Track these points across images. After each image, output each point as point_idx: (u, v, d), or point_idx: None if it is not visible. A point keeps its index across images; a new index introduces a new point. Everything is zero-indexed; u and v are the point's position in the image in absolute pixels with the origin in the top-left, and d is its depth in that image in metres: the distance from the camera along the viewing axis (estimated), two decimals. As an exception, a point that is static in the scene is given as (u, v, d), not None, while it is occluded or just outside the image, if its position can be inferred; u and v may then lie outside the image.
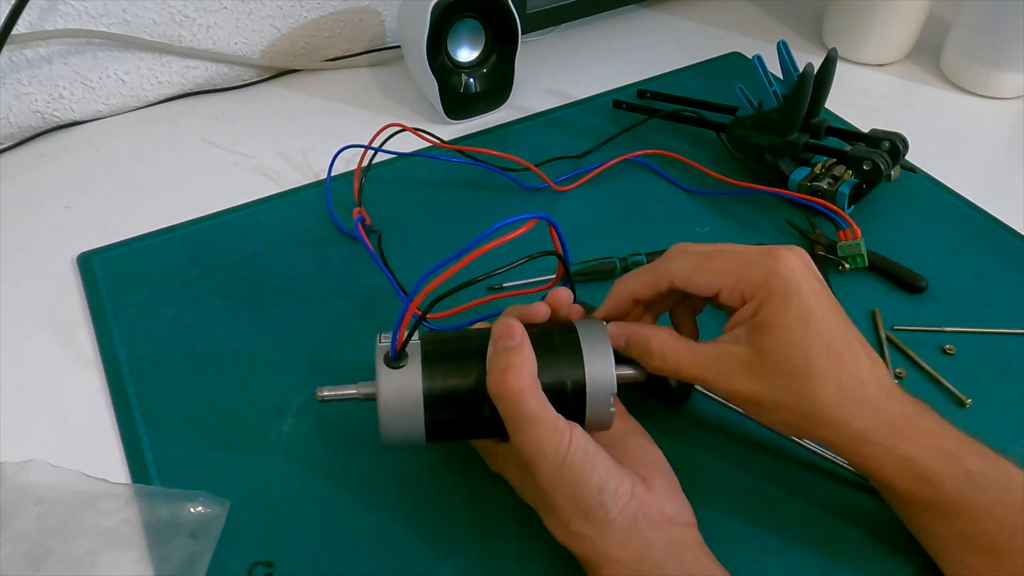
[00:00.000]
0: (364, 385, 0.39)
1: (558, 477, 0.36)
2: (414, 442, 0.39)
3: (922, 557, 0.42)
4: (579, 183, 0.64)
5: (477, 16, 0.67)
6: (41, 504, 0.41)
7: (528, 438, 0.36)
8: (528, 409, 0.36)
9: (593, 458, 0.37)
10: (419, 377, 0.38)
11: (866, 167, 0.59)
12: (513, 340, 0.38)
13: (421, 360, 0.38)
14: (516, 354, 0.37)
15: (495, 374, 0.37)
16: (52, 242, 0.59)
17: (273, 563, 0.41)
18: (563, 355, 0.39)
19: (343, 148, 0.62)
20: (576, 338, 0.40)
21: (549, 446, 0.36)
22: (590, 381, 0.39)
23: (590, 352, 0.39)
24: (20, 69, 0.66)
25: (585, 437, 0.37)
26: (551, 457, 0.36)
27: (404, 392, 0.38)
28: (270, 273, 0.56)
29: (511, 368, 0.37)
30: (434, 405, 0.38)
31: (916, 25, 0.78)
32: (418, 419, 0.38)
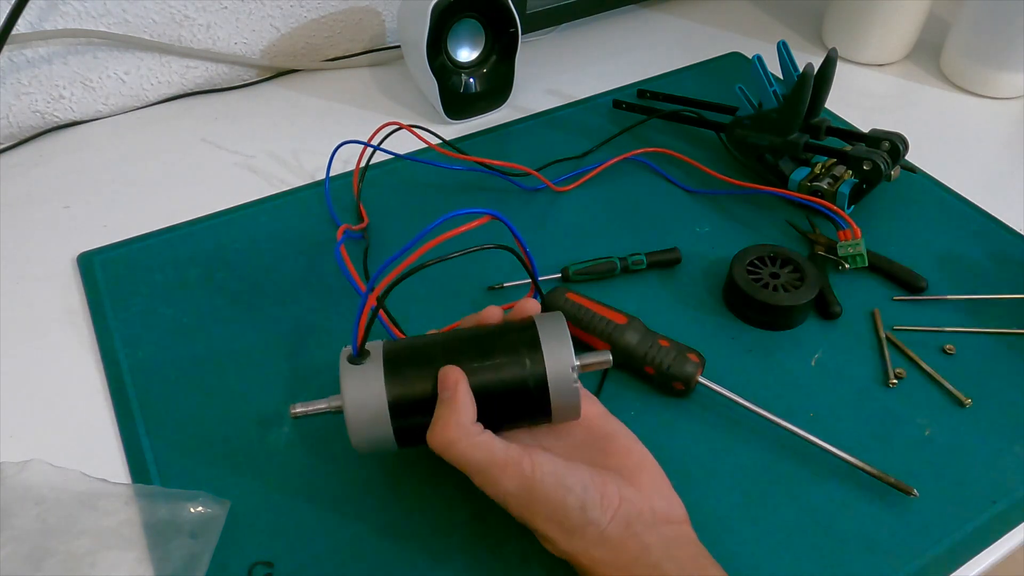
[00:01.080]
0: (334, 398, 0.40)
1: (532, 509, 0.37)
2: (385, 449, 0.40)
3: (921, 558, 0.42)
4: (579, 183, 0.64)
5: (477, 16, 0.67)
6: (41, 504, 0.41)
7: (484, 482, 0.37)
8: (468, 458, 0.37)
9: (564, 479, 0.37)
10: (382, 386, 0.38)
11: (866, 167, 0.59)
12: (447, 391, 0.38)
13: (383, 368, 0.39)
14: (446, 406, 0.37)
15: (431, 429, 0.37)
16: (52, 242, 0.59)
17: (273, 563, 0.41)
18: (521, 350, 0.39)
19: (341, 144, 0.62)
20: (534, 331, 0.40)
21: (510, 484, 0.36)
22: (551, 371, 0.39)
23: (548, 343, 0.39)
24: (20, 69, 0.66)
25: (550, 460, 0.37)
26: (516, 493, 0.36)
27: (369, 401, 0.38)
28: (270, 273, 0.56)
29: (439, 421, 0.37)
30: (400, 412, 0.39)
31: (916, 25, 0.78)
32: (385, 426, 0.39)
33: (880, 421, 0.48)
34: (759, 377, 0.50)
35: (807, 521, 0.43)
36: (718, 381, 0.48)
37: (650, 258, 0.56)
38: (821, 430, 0.46)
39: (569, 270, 0.55)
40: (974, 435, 0.47)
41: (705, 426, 0.48)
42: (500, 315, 0.42)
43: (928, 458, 0.46)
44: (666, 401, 0.49)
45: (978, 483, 0.45)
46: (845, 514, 0.44)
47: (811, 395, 0.49)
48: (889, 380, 0.50)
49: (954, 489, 0.45)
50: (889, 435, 0.47)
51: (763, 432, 0.47)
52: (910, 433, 0.47)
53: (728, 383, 0.48)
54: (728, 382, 0.48)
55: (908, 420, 0.48)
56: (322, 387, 0.49)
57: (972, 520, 0.43)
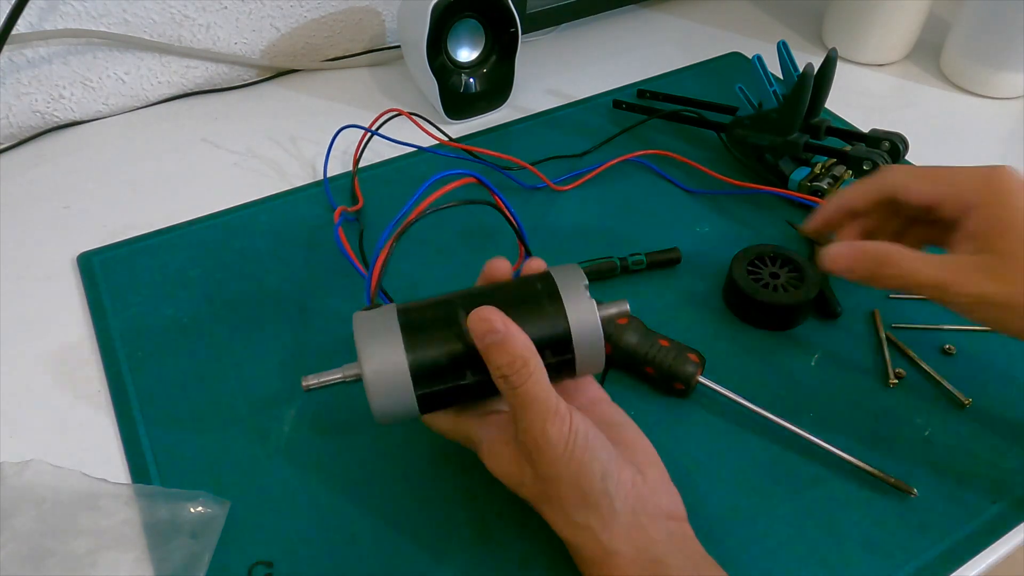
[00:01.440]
0: (348, 367, 0.38)
1: (561, 465, 0.36)
2: (407, 416, 0.38)
3: (921, 557, 0.42)
4: (579, 183, 0.64)
5: (477, 16, 0.67)
6: (41, 504, 0.41)
7: (535, 424, 0.36)
8: (533, 394, 0.36)
9: (594, 443, 0.36)
10: (402, 350, 0.37)
11: (866, 167, 0.59)
12: (497, 333, 0.36)
13: (401, 332, 0.37)
14: (512, 344, 0.36)
15: (502, 368, 0.36)
16: (52, 242, 0.59)
17: (273, 563, 0.41)
18: (542, 301, 0.38)
19: (342, 128, 0.62)
20: (552, 282, 0.39)
21: (553, 432, 0.36)
22: (573, 320, 0.38)
23: (568, 292, 0.38)
24: (20, 69, 0.66)
25: (585, 421, 0.37)
26: (555, 443, 0.36)
27: (390, 367, 0.37)
28: (270, 273, 0.56)
29: (517, 359, 0.36)
30: (423, 377, 0.37)
31: (916, 25, 0.78)
32: (408, 393, 0.37)
33: (880, 421, 0.48)
34: (759, 377, 0.50)
35: (807, 521, 0.43)
36: (718, 381, 0.48)
37: (650, 258, 0.56)
38: (821, 430, 0.46)
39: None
40: (974, 435, 0.47)
41: (705, 426, 0.48)
42: (508, 266, 0.41)
43: (928, 458, 0.46)
44: (667, 401, 0.49)
45: (978, 483, 0.45)
46: (845, 514, 0.44)
47: (811, 395, 0.49)
48: (889, 380, 0.50)
49: (954, 489, 0.45)
50: (889, 435, 0.47)
51: (763, 432, 0.47)
52: (910, 433, 0.47)
53: (728, 383, 0.48)
54: (728, 382, 0.48)
55: (908, 420, 0.48)
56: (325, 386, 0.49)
57: (972, 520, 0.43)
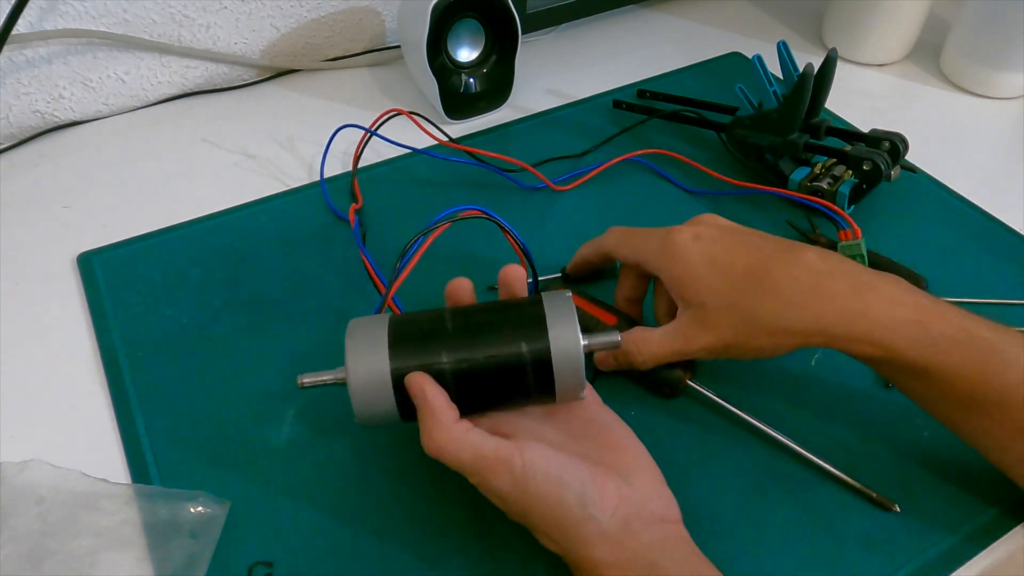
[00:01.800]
0: (340, 370, 0.40)
1: (527, 504, 0.36)
2: (388, 422, 0.40)
3: (921, 557, 0.42)
4: (578, 183, 0.64)
5: (477, 16, 0.67)
6: (41, 504, 0.41)
7: (478, 482, 0.37)
8: (459, 459, 0.36)
9: (558, 474, 0.36)
10: (386, 359, 0.38)
11: (866, 167, 0.59)
12: (417, 398, 0.38)
13: (388, 340, 0.39)
14: (423, 413, 0.37)
15: (421, 439, 0.37)
16: (52, 242, 0.59)
17: (273, 563, 0.41)
18: (528, 326, 0.39)
19: (340, 128, 0.62)
20: (541, 308, 0.39)
21: (502, 483, 0.36)
22: (555, 348, 0.38)
23: (554, 319, 0.39)
24: (20, 69, 0.66)
25: (544, 455, 0.37)
26: (509, 490, 0.36)
27: (372, 372, 0.38)
28: (270, 273, 0.56)
29: (423, 429, 0.37)
30: (402, 384, 0.38)
31: (916, 25, 0.78)
32: (388, 400, 0.38)
33: (880, 421, 0.48)
34: (759, 378, 0.50)
35: (806, 521, 0.43)
36: (718, 381, 0.48)
37: (650, 258, 0.56)
38: (821, 430, 0.46)
39: (568, 270, 0.55)
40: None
41: (704, 427, 0.48)
42: (466, 287, 0.43)
43: (927, 458, 0.46)
44: (665, 402, 0.49)
45: (978, 483, 0.45)
46: (844, 514, 0.43)
47: (811, 395, 0.49)
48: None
49: (954, 489, 0.45)
50: (889, 435, 0.47)
51: (762, 433, 0.47)
52: (910, 433, 0.47)
53: (728, 383, 0.48)
54: (728, 382, 0.48)
55: (908, 420, 0.48)
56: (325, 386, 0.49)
57: (972, 520, 0.43)
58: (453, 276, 0.44)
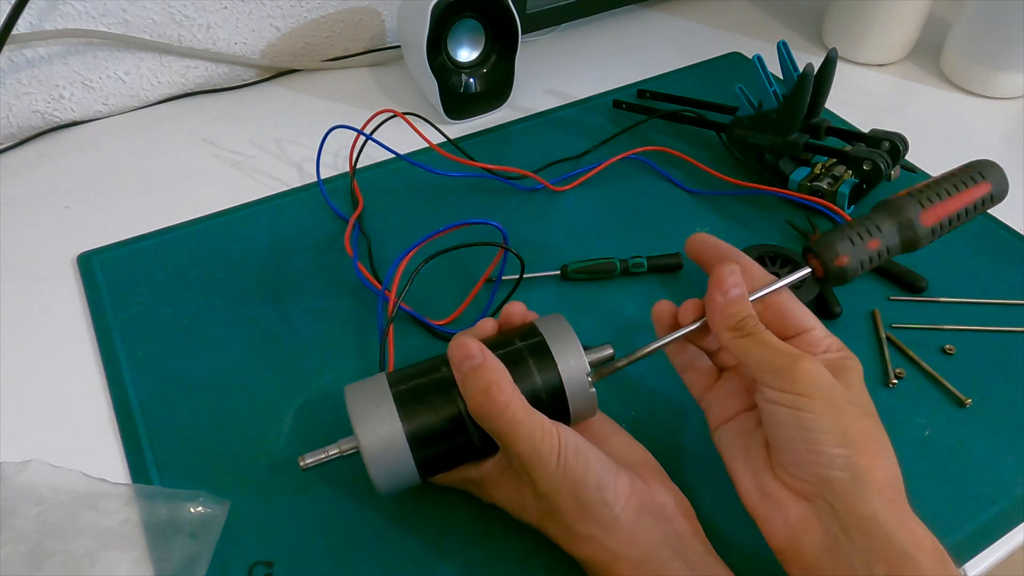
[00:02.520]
0: (345, 441, 0.39)
1: (558, 479, 0.36)
2: (408, 484, 0.39)
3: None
4: (578, 183, 0.64)
5: (477, 16, 0.67)
6: (41, 504, 0.41)
7: (524, 447, 0.36)
8: (518, 418, 0.36)
9: (585, 455, 0.37)
10: (397, 420, 0.37)
11: (866, 167, 0.59)
12: (475, 359, 0.37)
13: (394, 402, 0.38)
14: (488, 370, 0.37)
15: (477, 396, 0.37)
16: (52, 242, 0.59)
17: (273, 563, 0.41)
18: (531, 356, 0.39)
19: (331, 129, 0.61)
20: (540, 335, 0.40)
21: (544, 449, 0.36)
22: (564, 372, 0.39)
23: (556, 344, 0.39)
24: (20, 69, 0.66)
25: (573, 435, 0.37)
26: (547, 459, 0.36)
27: (387, 439, 0.37)
28: (270, 273, 0.56)
29: (493, 385, 0.36)
30: (420, 443, 0.38)
31: (916, 25, 0.78)
32: (408, 462, 0.38)
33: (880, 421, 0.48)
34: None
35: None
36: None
37: (651, 262, 0.56)
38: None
39: (568, 268, 0.55)
40: (974, 435, 0.47)
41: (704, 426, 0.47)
42: (494, 327, 0.42)
43: (928, 458, 0.46)
44: (668, 403, 0.49)
45: (978, 483, 0.45)
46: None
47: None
48: (889, 380, 0.50)
49: (954, 489, 0.45)
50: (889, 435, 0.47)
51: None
52: (910, 433, 0.47)
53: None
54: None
55: (908, 420, 0.48)
56: (323, 387, 0.49)
57: (972, 520, 0.43)
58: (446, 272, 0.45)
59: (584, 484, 0.36)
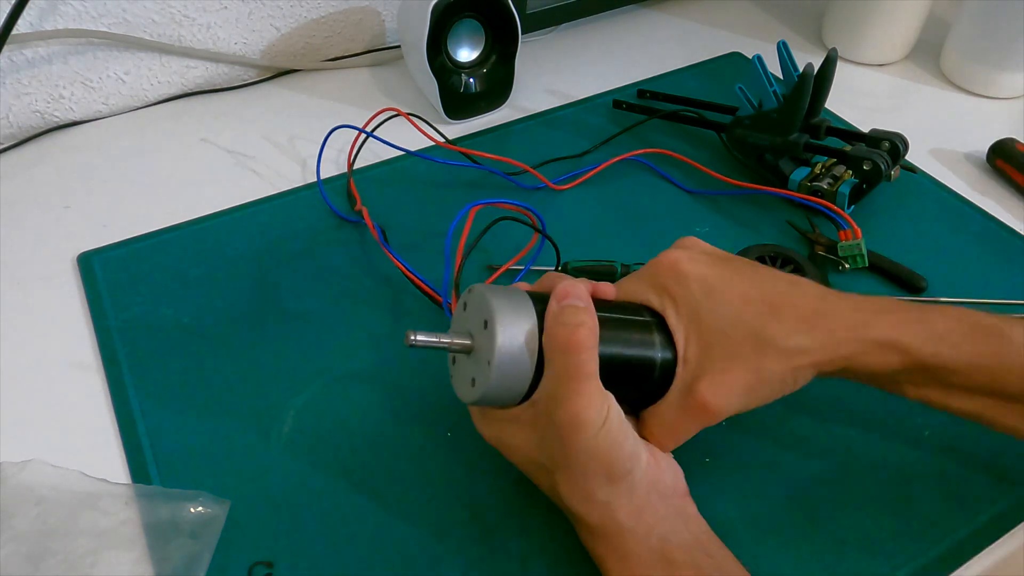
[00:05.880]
0: (457, 335, 0.38)
1: (595, 443, 0.36)
2: (507, 399, 0.38)
3: (920, 559, 0.42)
4: (578, 182, 0.64)
5: (477, 16, 0.67)
6: (41, 504, 0.41)
7: (577, 402, 0.36)
8: (588, 370, 0.36)
9: (626, 424, 0.37)
10: (536, 334, 0.37)
11: (866, 167, 0.59)
12: (582, 300, 0.37)
13: (536, 320, 0.37)
14: (588, 314, 0.37)
15: (568, 327, 0.36)
16: (52, 242, 0.59)
17: (273, 563, 0.41)
18: (657, 337, 0.40)
19: (334, 128, 0.61)
20: (660, 318, 0.40)
21: (593, 410, 0.36)
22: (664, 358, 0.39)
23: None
24: (20, 69, 0.66)
25: (616, 406, 0.37)
26: (592, 423, 0.36)
27: (520, 345, 0.36)
28: (270, 273, 0.56)
29: (584, 326, 0.36)
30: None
31: (916, 25, 0.78)
32: (528, 373, 0.37)
33: (880, 421, 0.48)
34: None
35: (807, 521, 0.43)
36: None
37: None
38: (821, 431, 0.46)
39: (568, 266, 0.55)
40: (974, 435, 0.47)
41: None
42: (615, 292, 0.42)
43: (928, 458, 0.46)
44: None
45: (978, 483, 0.45)
46: (844, 514, 0.44)
47: (811, 396, 0.49)
48: (889, 380, 0.50)
49: (954, 489, 0.45)
50: (889, 435, 0.47)
51: (762, 431, 0.47)
52: (910, 433, 0.47)
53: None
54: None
55: (908, 420, 0.48)
56: (324, 386, 0.49)
57: (972, 520, 0.43)
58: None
59: (619, 450, 0.37)
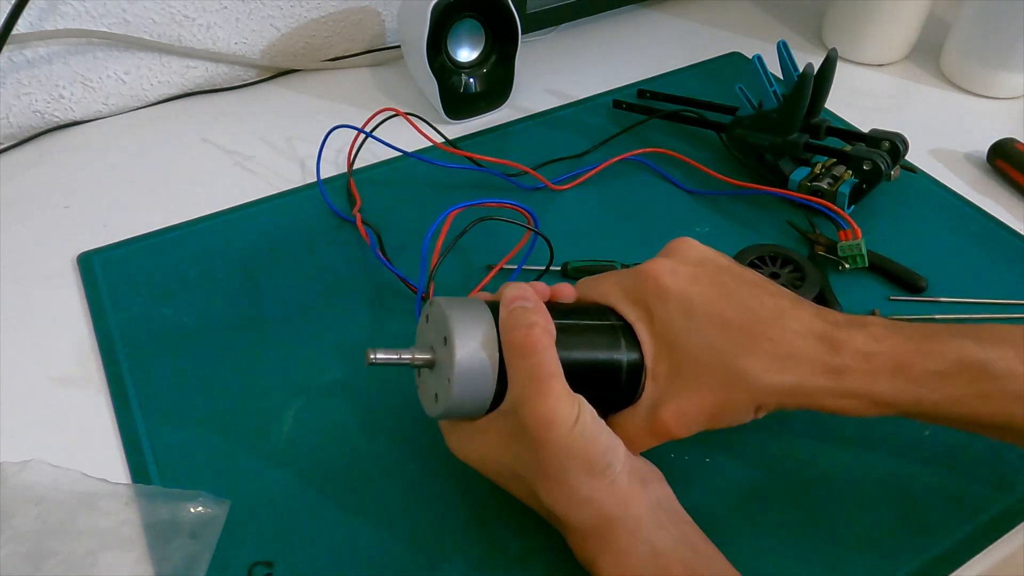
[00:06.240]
0: (419, 351, 0.38)
1: (570, 442, 0.36)
2: (470, 412, 0.38)
3: (921, 557, 0.42)
4: (577, 182, 0.64)
5: (477, 16, 0.67)
6: (41, 504, 0.41)
7: (545, 403, 0.36)
8: (549, 369, 0.36)
9: (599, 420, 0.38)
10: (495, 345, 0.37)
11: (866, 167, 0.59)
12: (529, 301, 0.37)
13: (496, 326, 0.37)
14: (539, 314, 0.37)
15: (521, 329, 0.36)
16: (52, 242, 0.59)
17: (273, 563, 0.41)
18: (621, 338, 0.40)
19: (333, 128, 0.61)
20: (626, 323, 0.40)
21: (563, 411, 0.36)
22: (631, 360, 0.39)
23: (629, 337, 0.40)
24: (20, 69, 0.66)
25: (589, 404, 0.37)
26: (564, 422, 0.36)
27: (480, 360, 0.36)
28: (270, 273, 0.56)
29: (536, 325, 0.36)
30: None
31: (916, 25, 0.78)
32: (490, 386, 0.37)
33: (880, 421, 0.48)
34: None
35: (806, 521, 0.43)
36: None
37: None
38: (821, 431, 0.46)
39: (569, 265, 0.55)
40: (974, 435, 0.47)
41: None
42: (572, 293, 0.42)
43: (928, 458, 0.46)
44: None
45: (978, 483, 0.45)
46: (844, 514, 0.44)
47: (811, 395, 0.49)
48: (889, 380, 0.50)
49: (954, 489, 0.45)
50: (889, 435, 0.47)
51: (761, 431, 0.47)
52: (910, 433, 0.47)
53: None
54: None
55: (908, 420, 0.48)
56: (324, 386, 0.49)
57: (972, 520, 0.43)
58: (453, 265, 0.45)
59: (596, 446, 0.37)
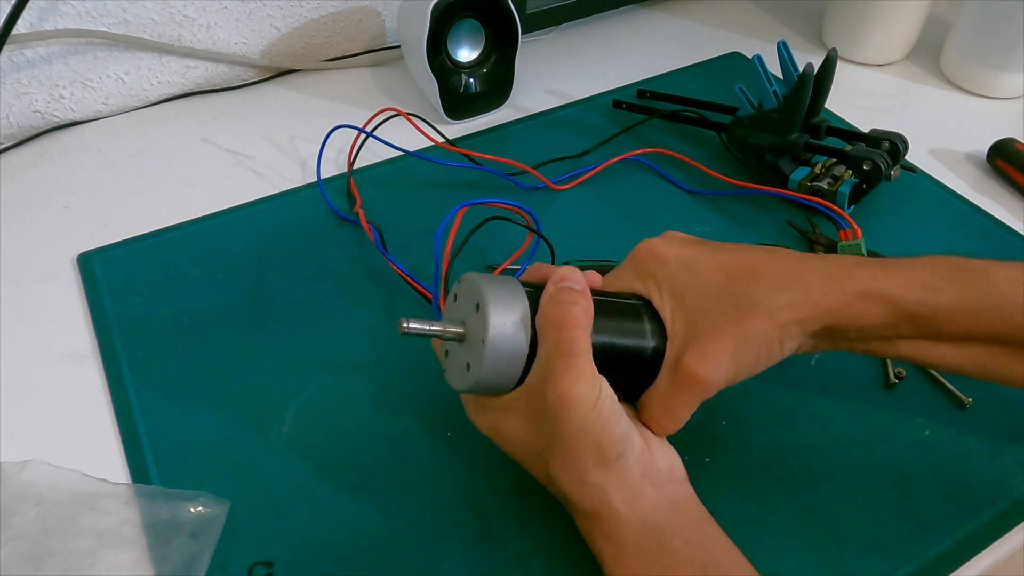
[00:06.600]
0: (450, 323, 0.38)
1: (587, 422, 0.36)
2: (496, 386, 0.38)
3: (921, 557, 0.42)
4: (577, 182, 0.64)
5: (477, 16, 0.67)
6: (41, 504, 0.41)
7: (568, 379, 0.36)
8: (580, 347, 0.36)
9: (618, 407, 0.38)
10: (528, 316, 0.37)
11: (866, 167, 0.59)
12: (578, 284, 0.38)
13: (528, 303, 0.37)
14: (583, 296, 0.37)
15: (562, 305, 0.37)
16: (52, 242, 0.59)
17: (273, 563, 0.41)
18: (648, 323, 0.40)
19: (334, 128, 0.61)
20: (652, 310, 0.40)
21: (585, 390, 0.36)
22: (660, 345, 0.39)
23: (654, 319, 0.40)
24: (20, 69, 0.66)
25: (609, 389, 0.38)
26: (584, 401, 0.36)
27: (514, 323, 0.37)
28: (270, 273, 0.56)
29: (578, 305, 0.37)
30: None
31: (916, 25, 0.78)
32: (521, 359, 0.37)
33: (880, 421, 0.48)
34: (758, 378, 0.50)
35: (806, 521, 0.43)
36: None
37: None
38: (821, 431, 0.46)
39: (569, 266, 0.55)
40: (974, 435, 0.47)
41: (703, 426, 0.48)
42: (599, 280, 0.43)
43: (928, 458, 0.46)
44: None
45: (978, 483, 0.45)
46: (844, 514, 0.44)
47: (811, 395, 0.49)
48: (889, 380, 0.50)
49: (954, 489, 0.45)
50: (889, 435, 0.47)
51: (762, 431, 0.47)
52: (910, 433, 0.47)
53: (728, 383, 0.47)
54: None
55: (908, 420, 0.48)
56: (324, 386, 0.49)
57: (972, 520, 0.43)
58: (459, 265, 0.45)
59: (611, 432, 0.37)
